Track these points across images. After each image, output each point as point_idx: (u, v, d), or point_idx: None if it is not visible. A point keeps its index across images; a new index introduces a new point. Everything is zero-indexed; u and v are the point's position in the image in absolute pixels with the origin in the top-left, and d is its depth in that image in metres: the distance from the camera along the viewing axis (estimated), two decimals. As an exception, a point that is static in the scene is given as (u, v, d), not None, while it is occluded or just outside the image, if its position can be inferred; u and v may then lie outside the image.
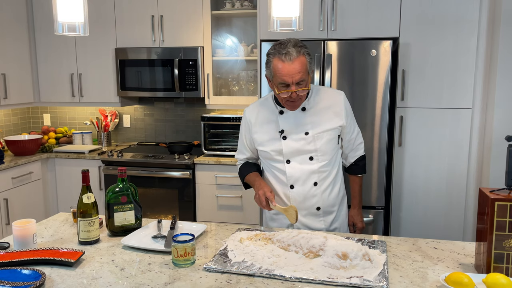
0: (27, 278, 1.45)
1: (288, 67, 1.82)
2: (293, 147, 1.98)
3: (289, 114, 1.99)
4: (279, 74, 1.84)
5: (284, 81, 1.84)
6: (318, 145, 1.97)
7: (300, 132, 1.97)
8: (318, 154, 1.98)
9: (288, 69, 1.82)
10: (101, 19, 3.87)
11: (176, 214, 3.64)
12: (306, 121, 1.98)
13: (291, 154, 1.99)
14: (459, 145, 3.02)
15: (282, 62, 1.82)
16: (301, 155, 1.98)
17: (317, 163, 1.98)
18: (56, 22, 1.74)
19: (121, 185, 1.85)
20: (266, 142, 2.03)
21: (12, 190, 3.47)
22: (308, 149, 1.97)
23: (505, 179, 1.47)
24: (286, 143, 1.98)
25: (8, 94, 3.79)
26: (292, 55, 1.82)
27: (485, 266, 1.44)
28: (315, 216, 2.03)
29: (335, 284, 1.41)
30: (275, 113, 2.02)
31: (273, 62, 1.86)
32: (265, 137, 2.03)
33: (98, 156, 3.74)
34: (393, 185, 3.14)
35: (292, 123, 1.98)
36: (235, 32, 3.97)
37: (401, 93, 3.05)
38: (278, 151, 2.00)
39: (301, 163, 1.99)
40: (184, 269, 1.55)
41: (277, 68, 1.84)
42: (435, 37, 2.97)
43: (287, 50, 1.82)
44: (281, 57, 1.83)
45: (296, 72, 1.82)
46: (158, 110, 4.27)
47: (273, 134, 2.01)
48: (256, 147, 2.08)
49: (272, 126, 2.02)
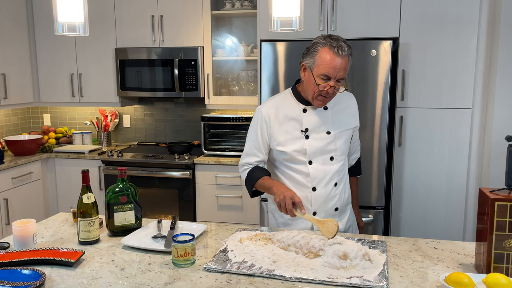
0: (27, 278, 1.45)
1: (337, 60, 1.78)
2: (316, 146, 1.92)
3: (312, 112, 1.94)
4: (326, 65, 1.79)
5: (328, 73, 1.79)
6: (338, 144, 1.96)
7: (322, 131, 1.93)
8: (338, 154, 1.96)
9: (336, 63, 1.78)
10: (101, 19, 3.87)
11: (176, 214, 3.64)
12: (328, 120, 1.95)
13: (313, 154, 1.93)
14: (459, 145, 3.02)
15: (333, 54, 1.78)
16: (323, 155, 1.94)
17: (337, 163, 1.96)
18: (56, 22, 1.74)
19: (121, 185, 1.85)
20: (286, 142, 1.93)
21: (12, 190, 3.47)
22: (330, 148, 1.94)
23: (505, 179, 1.47)
24: (309, 142, 1.92)
25: (8, 94, 3.79)
26: (344, 50, 1.79)
27: (485, 266, 1.44)
28: (333, 217, 1.99)
29: (335, 284, 1.41)
30: (297, 110, 1.95)
31: (321, 52, 1.81)
32: (285, 136, 1.93)
33: (98, 156, 3.74)
34: (393, 185, 3.14)
35: (316, 122, 1.93)
36: (235, 32, 3.97)
37: (401, 93, 3.05)
38: (300, 151, 1.92)
39: (323, 164, 1.94)
40: (184, 269, 1.55)
41: (325, 58, 1.79)
42: (435, 37, 2.97)
43: (340, 44, 1.79)
44: (333, 49, 1.79)
45: (342, 68, 1.80)
46: (158, 110, 4.27)
47: (294, 132, 1.93)
48: (273, 147, 1.97)
49: (293, 124, 1.94)
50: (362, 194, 2.98)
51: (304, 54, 1.89)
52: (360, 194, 2.77)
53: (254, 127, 2.00)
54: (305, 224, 1.99)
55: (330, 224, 1.67)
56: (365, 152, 3.03)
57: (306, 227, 1.99)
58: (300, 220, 1.98)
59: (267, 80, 3.15)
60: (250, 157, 2.01)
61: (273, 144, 1.96)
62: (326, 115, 1.95)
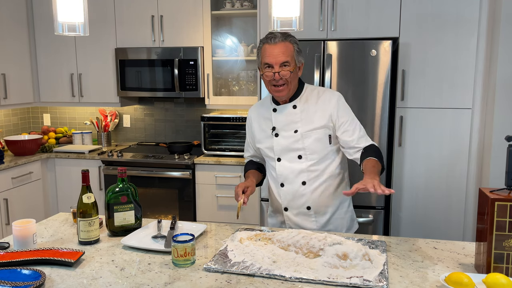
0: (27, 278, 1.45)
1: (272, 48, 1.89)
2: (283, 144, 2.00)
3: (281, 111, 2.02)
4: (263, 55, 1.91)
5: (268, 62, 1.89)
6: (306, 143, 1.97)
7: (290, 129, 1.99)
8: (307, 153, 1.98)
9: (271, 50, 1.88)
10: (101, 19, 3.86)
11: (176, 214, 3.64)
12: (296, 118, 1.99)
13: (281, 152, 2.01)
14: (459, 145, 3.02)
15: (267, 44, 1.91)
16: (290, 153, 2.00)
17: (305, 162, 1.98)
18: (56, 22, 1.74)
19: (121, 185, 1.85)
20: (262, 139, 2.08)
21: (12, 190, 3.47)
22: (297, 147, 1.98)
23: (505, 179, 1.47)
24: (277, 140, 2.02)
25: (8, 94, 3.79)
26: (277, 37, 1.89)
27: (485, 266, 1.44)
28: (307, 215, 2.03)
29: (335, 284, 1.41)
30: (269, 110, 2.06)
31: (261, 49, 1.94)
32: (261, 135, 2.08)
33: (98, 156, 3.74)
34: (393, 185, 3.13)
35: (283, 121, 2.01)
36: (235, 32, 3.97)
37: (401, 93, 3.05)
38: (270, 148, 2.04)
39: (290, 162, 2.01)
40: (184, 269, 1.55)
41: (263, 51, 1.92)
42: (435, 37, 2.97)
43: (274, 35, 1.90)
44: (267, 41, 1.91)
45: (280, 53, 1.87)
46: (158, 110, 4.27)
47: (268, 131, 2.05)
48: (255, 145, 2.13)
49: (267, 123, 2.06)
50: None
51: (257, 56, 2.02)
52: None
53: (246, 127, 2.22)
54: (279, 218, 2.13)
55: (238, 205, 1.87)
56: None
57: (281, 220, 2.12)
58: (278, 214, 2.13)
59: (267, 80, 3.15)
60: (246, 151, 2.26)
61: (255, 141, 2.13)
62: (295, 114, 2.00)
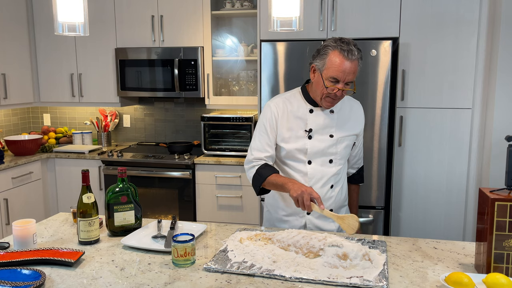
0: (27, 278, 1.45)
1: (346, 64, 1.81)
2: (318, 147, 1.96)
3: (318, 113, 1.97)
4: (335, 68, 1.82)
5: (337, 76, 1.82)
6: (339, 148, 1.99)
7: (325, 133, 1.97)
8: (337, 158, 1.99)
9: (346, 67, 1.81)
10: (101, 19, 3.87)
11: (176, 214, 3.64)
12: (332, 123, 1.98)
13: (314, 155, 1.97)
14: (459, 145, 3.02)
15: (342, 57, 1.81)
16: (323, 157, 1.98)
17: (335, 166, 2.00)
18: (56, 22, 1.74)
19: (121, 185, 1.85)
20: (289, 139, 1.97)
21: (12, 190, 3.47)
22: (331, 151, 1.98)
23: (505, 179, 1.47)
24: (311, 142, 1.96)
25: (8, 94, 3.79)
26: (354, 54, 1.82)
27: (485, 266, 1.44)
28: (328, 218, 2.01)
29: (335, 284, 1.41)
30: (303, 110, 1.99)
31: (331, 55, 1.83)
32: (289, 134, 1.97)
33: (98, 156, 3.74)
34: (393, 185, 3.14)
35: (320, 123, 1.96)
36: (235, 32, 3.97)
37: (401, 93, 3.05)
38: (301, 150, 1.96)
39: (321, 165, 1.98)
40: (184, 269, 1.55)
41: (334, 61, 1.82)
42: (435, 37, 2.97)
43: (350, 48, 1.81)
44: (343, 53, 1.81)
45: (351, 72, 1.82)
46: (158, 110, 4.27)
47: (298, 131, 1.97)
48: (278, 143, 2.00)
49: (298, 123, 1.98)
50: (362, 194, 2.98)
51: (314, 56, 1.91)
52: (360, 194, 2.76)
53: (263, 122, 2.01)
54: (298, 222, 2.03)
55: (350, 219, 1.64)
56: (365, 152, 3.01)
57: (300, 225, 2.02)
58: (294, 217, 2.02)
59: (267, 80, 3.15)
60: (260, 152, 1.98)
61: (278, 139, 1.99)
62: (332, 118, 1.98)
